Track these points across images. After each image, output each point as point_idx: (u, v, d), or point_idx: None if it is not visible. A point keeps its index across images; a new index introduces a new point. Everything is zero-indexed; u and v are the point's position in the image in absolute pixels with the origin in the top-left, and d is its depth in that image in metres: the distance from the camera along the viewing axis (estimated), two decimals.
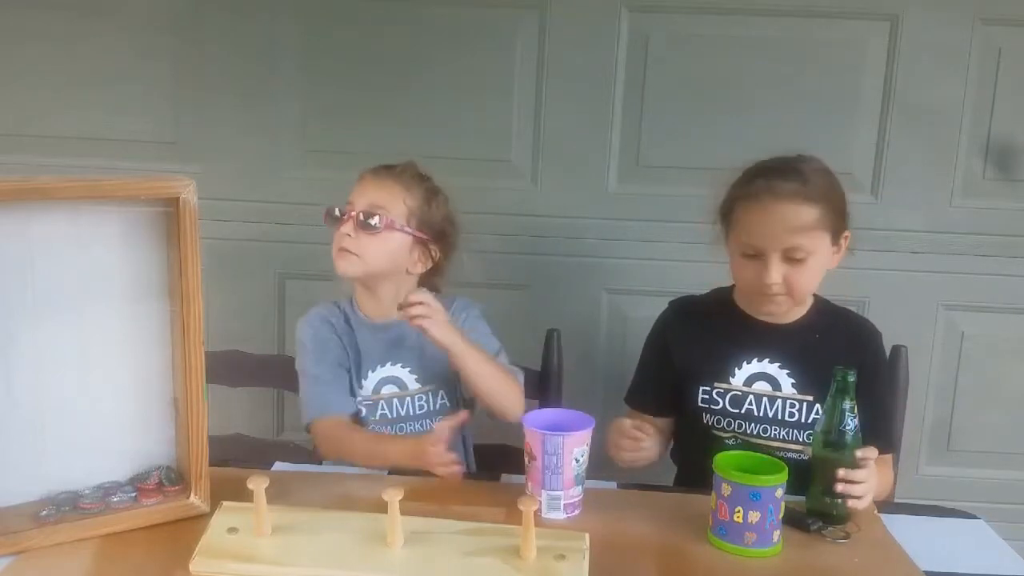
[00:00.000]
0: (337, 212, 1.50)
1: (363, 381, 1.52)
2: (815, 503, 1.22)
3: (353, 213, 1.48)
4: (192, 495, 1.15)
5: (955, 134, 2.00)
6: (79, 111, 2.05)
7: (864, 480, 1.19)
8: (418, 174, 1.55)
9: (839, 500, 1.19)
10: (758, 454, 1.21)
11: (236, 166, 2.07)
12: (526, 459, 1.22)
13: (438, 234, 1.54)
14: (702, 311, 1.54)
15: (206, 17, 2.01)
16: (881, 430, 1.40)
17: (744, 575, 1.09)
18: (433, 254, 1.54)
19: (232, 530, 1.05)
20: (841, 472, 1.18)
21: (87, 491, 1.14)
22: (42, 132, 2.06)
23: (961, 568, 1.12)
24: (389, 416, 1.52)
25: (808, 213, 1.36)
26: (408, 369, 1.53)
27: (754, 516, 1.11)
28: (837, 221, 1.40)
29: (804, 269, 1.37)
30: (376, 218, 1.47)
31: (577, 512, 1.22)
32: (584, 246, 2.07)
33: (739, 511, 1.11)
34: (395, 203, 1.50)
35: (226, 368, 1.64)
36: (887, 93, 1.99)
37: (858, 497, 1.19)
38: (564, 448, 1.18)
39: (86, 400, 1.14)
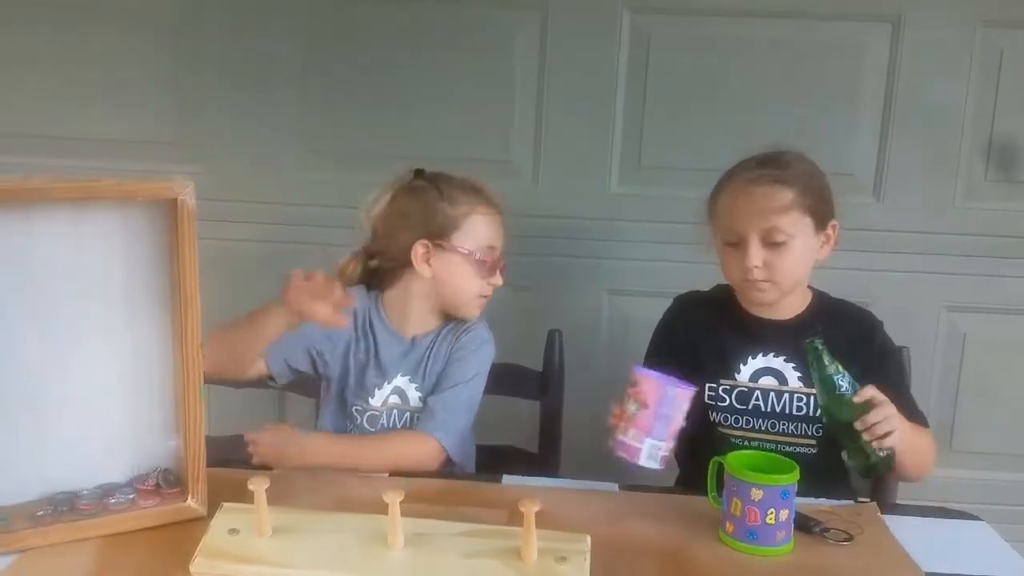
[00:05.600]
0: (490, 259, 1.51)
1: (376, 391, 1.49)
2: (858, 462, 1.25)
3: (499, 260, 1.52)
4: (189, 498, 1.15)
5: (957, 136, 2.00)
6: (80, 112, 2.05)
7: (881, 418, 1.20)
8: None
9: (876, 451, 1.22)
10: (756, 452, 1.21)
11: (237, 167, 2.07)
12: (631, 407, 1.21)
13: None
14: (707, 305, 1.54)
15: (207, 18, 2.01)
16: (907, 415, 1.37)
17: None
18: None
19: (233, 531, 1.05)
20: (857, 425, 1.20)
21: (85, 492, 1.14)
22: (43, 133, 2.06)
23: (963, 570, 1.12)
24: (387, 428, 1.49)
25: (783, 194, 1.37)
26: (416, 385, 1.50)
27: (783, 514, 1.12)
28: (819, 205, 1.40)
29: (786, 253, 1.38)
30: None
31: (664, 466, 1.24)
32: (585, 247, 2.07)
33: (772, 512, 1.11)
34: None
35: None
36: (889, 95, 1.99)
37: (886, 434, 1.20)
38: (679, 400, 1.21)
39: (85, 401, 1.14)
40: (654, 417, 1.21)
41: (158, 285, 1.14)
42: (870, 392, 1.21)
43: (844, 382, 1.23)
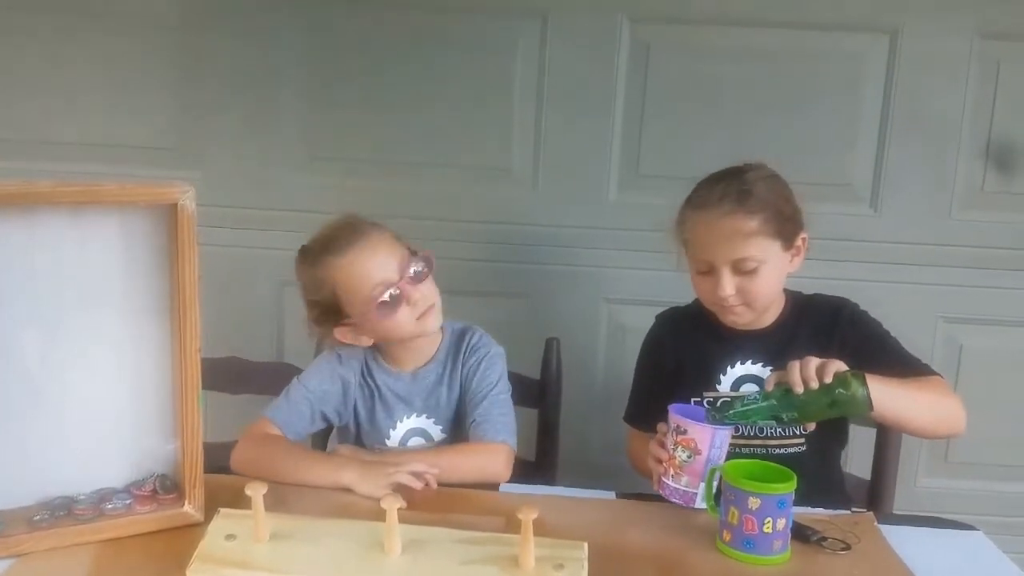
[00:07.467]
0: (388, 296, 1.37)
1: (391, 431, 1.49)
2: (854, 407, 1.20)
3: (401, 279, 1.38)
4: (186, 504, 1.15)
5: (955, 146, 2.00)
6: (81, 117, 2.05)
7: (795, 370, 1.19)
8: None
9: (846, 389, 1.18)
10: (753, 461, 1.21)
11: (238, 172, 2.07)
12: (682, 455, 1.22)
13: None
14: (687, 320, 1.57)
15: (209, 24, 2.02)
16: (910, 370, 1.37)
17: None
18: None
19: (230, 537, 1.05)
20: (797, 390, 1.18)
21: (82, 496, 1.14)
22: (44, 138, 2.06)
23: None
24: None
25: (749, 224, 1.37)
26: (433, 420, 1.50)
27: (780, 523, 1.12)
28: (786, 226, 1.40)
29: (757, 279, 1.39)
30: (420, 264, 1.41)
31: None
32: (584, 255, 2.07)
33: (769, 521, 1.11)
34: (398, 248, 1.43)
35: (225, 375, 1.64)
36: (886, 105, 1.99)
37: (822, 369, 1.19)
38: (726, 441, 1.21)
39: (83, 405, 1.14)
40: (706, 462, 1.21)
41: (158, 290, 1.14)
42: (773, 377, 1.23)
43: (772, 401, 1.22)
